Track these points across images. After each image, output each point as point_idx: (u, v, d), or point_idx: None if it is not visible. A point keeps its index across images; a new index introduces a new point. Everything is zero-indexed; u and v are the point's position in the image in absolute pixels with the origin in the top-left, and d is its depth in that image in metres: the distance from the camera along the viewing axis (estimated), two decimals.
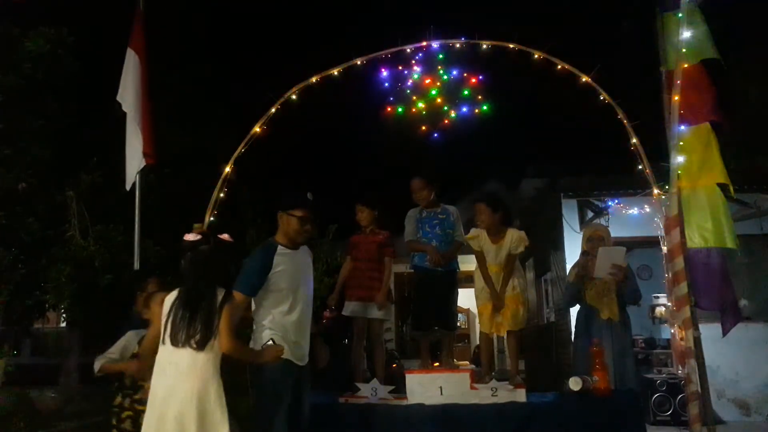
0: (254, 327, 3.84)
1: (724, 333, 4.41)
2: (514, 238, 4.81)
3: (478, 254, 4.90)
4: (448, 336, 5.02)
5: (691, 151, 4.42)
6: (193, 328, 2.98)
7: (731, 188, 4.45)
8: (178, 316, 3.02)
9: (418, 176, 4.96)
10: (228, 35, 11.46)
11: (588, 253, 4.78)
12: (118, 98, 5.28)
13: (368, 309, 4.83)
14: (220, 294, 3.09)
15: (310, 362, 3.72)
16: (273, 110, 4.77)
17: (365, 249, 4.89)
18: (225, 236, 3.21)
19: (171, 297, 3.10)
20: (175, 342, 2.97)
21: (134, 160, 5.24)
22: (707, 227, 4.38)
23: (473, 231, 4.94)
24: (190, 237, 3.16)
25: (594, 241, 4.84)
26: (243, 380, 4.00)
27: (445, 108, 5.20)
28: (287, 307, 3.58)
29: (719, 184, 4.43)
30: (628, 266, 4.72)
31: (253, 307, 3.90)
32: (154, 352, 3.06)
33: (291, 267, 3.61)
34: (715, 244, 4.37)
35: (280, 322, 3.56)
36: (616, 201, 8.35)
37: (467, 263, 5.56)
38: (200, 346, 2.96)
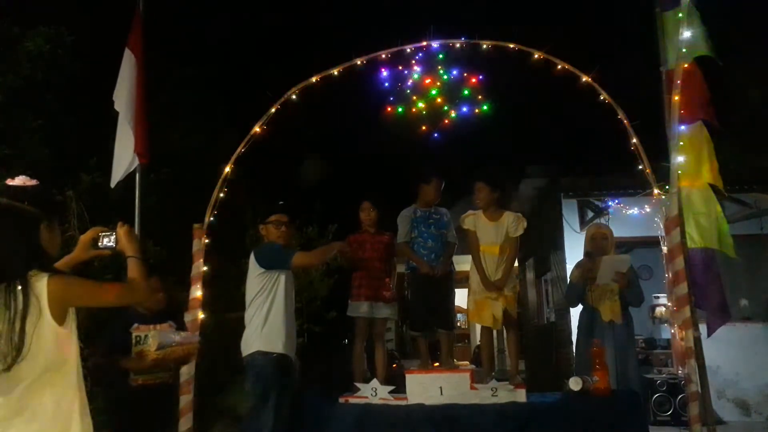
0: (247, 324, 3.96)
1: (709, 333, 4.40)
2: (512, 219, 4.68)
3: (471, 235, 4.76)
4: (447, 336, 5.01)
5: (689, 151, 4.42)
6: None
7: (722, 188, 4.45)
8: None
9: (438, 176, 4.98)
10: (228, 35, 11.47)
11: (592, 254, 4.78)
12: (114, 98, 5.31)
13: (376, 309, 4.83)
14: (39, 280, 1.95)
15: None
16: (273, 110, 4.76)
17: (373, 248, 4.87)
18: (20, 180, 2.22)
19: None
20: None
21: (123, 159, 5.26)
22: (704, 226, 4.39)
23: (469, 212, 4.85)
24: None
25: (597, 240, 4.84)
26: (240, 379, 4.04)
27: (445, 108, 5.19)
28: (281, 304, 4.00)
29: (712, 185, 4.44)
30: (632, 270, 4.72)
31: (247, 304, 4.00)
32: None
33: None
34: (708, 244, 4.37)
35: (274, 318, 3.95)
36: (617, 201, 8.35)
37: (464, 263, 5.56)
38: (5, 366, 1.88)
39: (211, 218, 4.71)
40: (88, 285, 2.13)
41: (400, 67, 4.93)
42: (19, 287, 1.90)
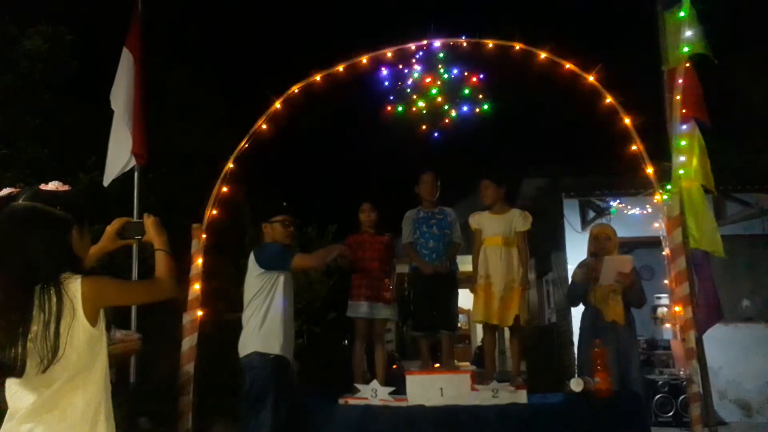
0: (244, 324, 3.93)
1: (701, 333, 4.37)
2: (518, 214, 4.78)
3: (477, 234, 4.82)
4: (448, 336, 4.99)
5: (687, 150, 4.39)
6: (19, 343, 1.86)
7: (713, 188, 4.43)
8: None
9: (430, 171, 5.01)
10: (228, 34, 11.44)
11: (596, 255, 4.75)
12: (110, 97, 5.29)
13: (376, 309, 4.81)
14: (72, 281, 1.95)
15: None
16: (273, 108, 4.73)
17: (373, 249, 4.87)
18: (53, 185, 2.15)
19: None
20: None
21: (117, 158, 5.24)
22: (701, 226, 4.36)
23: (475, 213, 4.90)
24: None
25: (600, 240, 4.81)
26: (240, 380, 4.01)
27: (446, 107, 5.16)
28: (280, 305, 3.97)
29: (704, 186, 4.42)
30: (634, 271, 4.70)
31: (245, 305, 3.98)
32: None
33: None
34: (699, 245, 4.34)
35: (272, 319, 3.93)
36: (618, 201, 8.34)
37: (467, 264, 5.53)
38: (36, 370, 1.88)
39: (211, 215, 4.68)
40: (119, 284, 2.17)
41: (401, 66, 4.91)
42: (53, 289, 1.91)
